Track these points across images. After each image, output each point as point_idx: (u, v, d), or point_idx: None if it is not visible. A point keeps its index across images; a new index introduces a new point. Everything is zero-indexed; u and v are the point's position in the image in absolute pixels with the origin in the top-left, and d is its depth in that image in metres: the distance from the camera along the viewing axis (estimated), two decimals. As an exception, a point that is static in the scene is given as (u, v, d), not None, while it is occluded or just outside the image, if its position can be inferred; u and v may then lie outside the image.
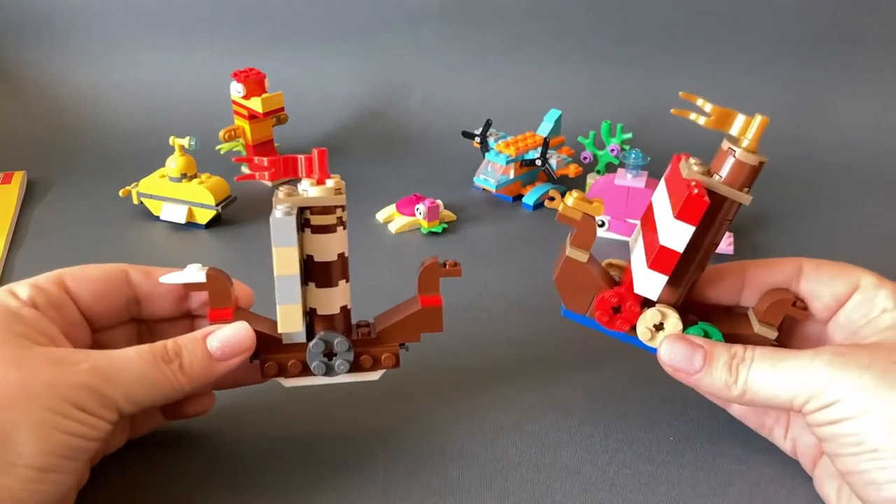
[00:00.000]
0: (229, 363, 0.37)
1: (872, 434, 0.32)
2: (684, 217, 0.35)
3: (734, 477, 0.41)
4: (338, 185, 0.37)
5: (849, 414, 0.33)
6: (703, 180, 0.36)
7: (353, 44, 0.99)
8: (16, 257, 0.63)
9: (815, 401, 0.34)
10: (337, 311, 0.39)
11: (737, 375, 0.36)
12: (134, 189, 0.70)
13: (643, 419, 0.46)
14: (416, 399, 0.47)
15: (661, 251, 0.36)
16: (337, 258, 0.38)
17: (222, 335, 0.37)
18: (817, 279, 0.39)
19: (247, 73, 0.77)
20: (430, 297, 0.40)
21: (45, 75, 0.96)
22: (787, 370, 0.35)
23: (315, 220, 0.37)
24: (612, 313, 0.39)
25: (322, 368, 0.39)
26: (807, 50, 0.95)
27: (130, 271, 0.39)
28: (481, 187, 0.77)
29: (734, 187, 0.36)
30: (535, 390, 0.48)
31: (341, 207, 0.37)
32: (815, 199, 0.78)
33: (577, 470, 0.42)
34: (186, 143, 0.67)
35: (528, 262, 0.65)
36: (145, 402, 0.34)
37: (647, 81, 0.97)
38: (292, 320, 0.37)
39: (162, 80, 0.96)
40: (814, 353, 0.35)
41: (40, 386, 0.31)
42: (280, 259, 0.36)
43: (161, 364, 0.35)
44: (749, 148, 0.36)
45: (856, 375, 0.33)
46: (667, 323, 0.38)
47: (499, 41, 0.98)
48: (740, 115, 0.36)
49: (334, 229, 0.37)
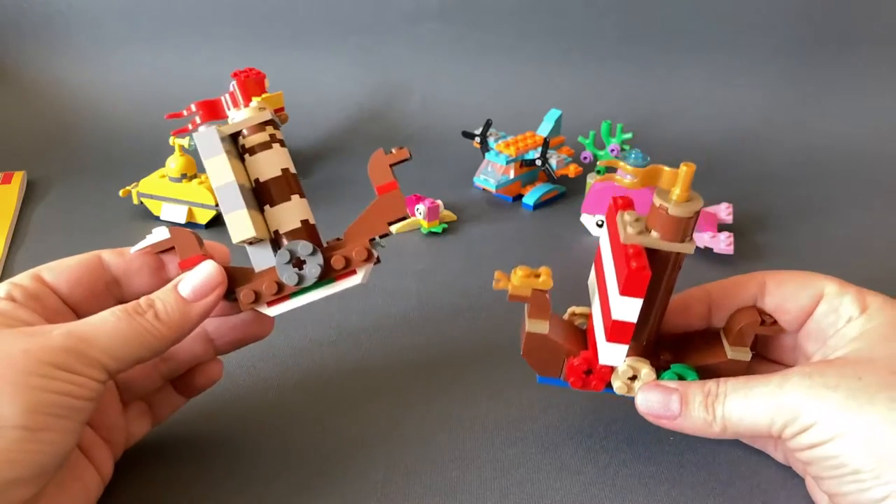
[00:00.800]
0: (204, 303, 0.37)
1: (850, 455, 0.32)
2: (629, 292, 0.35)
3: (734, 477, 0.42)
4: (260, 105, 0.38)
5: (824, 437, 0.33)
6: (641, 241, 0.36)
7: (353, 44, 0.99)
8: (16, 257, 0.63)
9: (791, 426, 0.34)
10: (298, 226, 0.38)
11: (713, 412, 0.36)
12: (134, 189, 0.70)
13: (643, 419, 0.45)
14: (416, 399, 0.47)
15: (615, 325, 0.36)
16: (282, 173, 0.38)
17: (190, 276, 0.37)
18: (781, 294, 0.39)
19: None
20: (386, 185, 0.39)
21: (46, 75, 0.96)
22: (760, 398, 0.35)
23: (249, 141, 0.38)
24: (584, 377, 0.40)
25: (294, 278, 0.37)
26: (807, 50, 0.95)
27: (103, 254, 0.39)
28: (481, 187, 0.77)
29: (674, 241, 0.36)
30: (535, 390, 0.48)
31: (271, 124, 0.38)
32: (816, 198, 0.78)
33: (577, 470, 0.42)
34: (186, 143, 0.67)
35: (528, 262, 0.64)
36: (130, 357, 0.34)
37: (647, 81, 0.97)
38: (242, 227, 0.36)
39: (162, 80, 0.96)
40: (782, 377, 0.35)
41: (16, 353, 0.31)
42: (213, 170, 0.36)
43: (136, 317, 0.35)
44: (679, 199, 0.35)
45: (824, 396, 0.33)
46: (640, 374, 0.39)
47: (499, 41, 0.98)
48: (665, 169, 0.35)
49: (270, 146, 0.38)
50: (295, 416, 0.45)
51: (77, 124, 0.91)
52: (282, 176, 0.38)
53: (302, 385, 0.48)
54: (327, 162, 0.82)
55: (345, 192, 0.75)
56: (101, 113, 0.93)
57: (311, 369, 0.49)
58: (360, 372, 0.49)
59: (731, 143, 0.89)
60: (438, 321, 0.46)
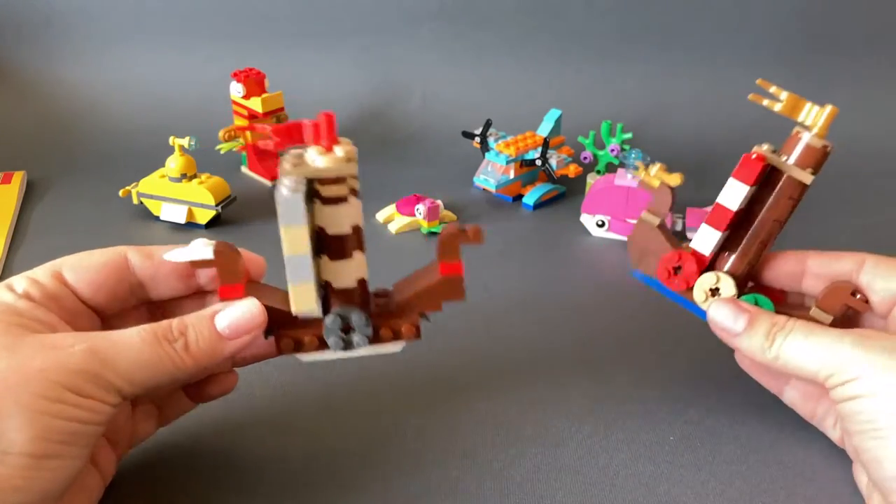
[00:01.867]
0: (238, 342, 0.35)
1: (881, 412, 0.34)
2: (739, 176, 0.39)
3: (734, 477, 0.41)
4: (348, 153, 0.35)
5: (863, 392, 0.35)
6: (767, 155, 0.39)
7: (353, 43, 0.98)
8: (15, 257, 0.63)
9: (836, 376, 0.36)
10: (353, 285, 0.36)
11: (773, 341, 0.38)
12: (134, 189, 0.70)
13: (643, 419, 0.46)
14: (416, 399, 0.47)
15: (716, 208, 0.40)
16: (351, 231, 0.35)
17: (231, 313, 0.35)
18: (875, 273, 0.41)
19: (247, 72, 0.77)
20: (451, 265, 0.38)
21: (45, 75, 0.96)
22: (817, 344, 0.37)
23: (325, 191, 0.34)
24: (671, 272, 0.42)
25: (340, 344, 0.37)
26: (808, 49, 0.95)
27: (130, 254, 0.38)
28: (481, 187, 0.77)
29: (800, 167, 0.39)
30: (535, 390, 0.48)
31: (353, 177, 0.35)
32: (817, 197, 0.78)
33: (577, 470, 0.42)
34: (186, 143, 0.67)
35: (528, 262, 0.65)
36: (147, 384, 0.33)
37: (647, 81, 0.97)
38: (306, 300, 0.35)
39: (162, 80, 0.96)
40: (843, 332, 0.37)
41: (32, 371, 0.30)
42: (288, 239, 0.34)
43: (163, 343, 0.33)
44: (818, 134, 0.39)
45: (874, 355, 0.35)
46: (721, 287, 0.41)
47: (499, 41, 0.98)
48: (809, 104, 0.39)
49: (346, 199, 0.34)
50: (294, 416, 0.45)
51: (77, 124, 0.91)
52: (350, 234, 0.35)
53: (302, 386, 0.48)
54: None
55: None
56: (100, 113, 0.93)
57: (309, 370, 0.49)
58: (359, 372, 0.49)
59: (732, 142, 0.89)
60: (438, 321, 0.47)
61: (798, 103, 0.40)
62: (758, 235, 0.41)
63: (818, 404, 0.43)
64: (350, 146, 0.35)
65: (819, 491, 0.41)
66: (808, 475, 0.42)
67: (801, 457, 0.43)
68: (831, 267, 0.42)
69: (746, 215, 0.41)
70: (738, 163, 0.39)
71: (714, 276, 0.41)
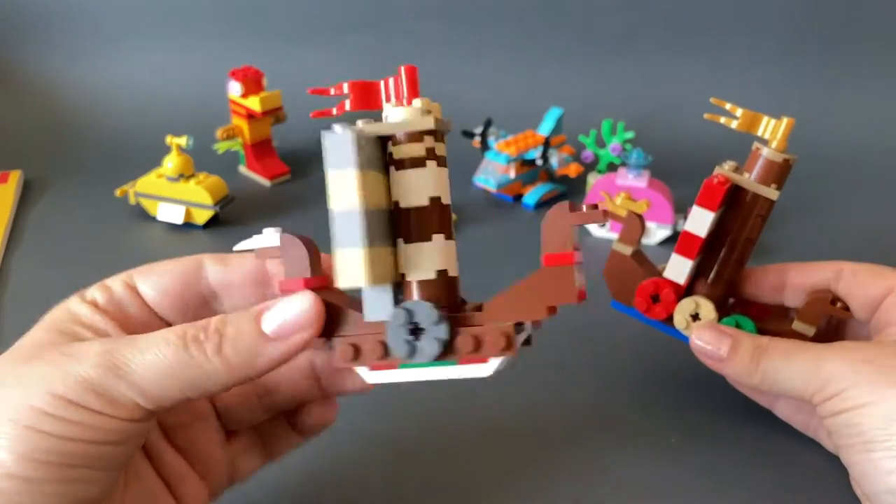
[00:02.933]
0: (286, 345, 0.29)
1: (867, 426, 0.34)
2: (703, 203, 0.39)
3: (736, 479, 0.41)
4: (430, 107, 0.30)
5: (848, 406, 0.35)
6: (729, 175, 0.39)
7: (352, 42, 0.98)
8: (12, 257, 0.63)
9: (821, 393, 0.36)
10: (433, 276, 0.29)
11: (758, 364, 0.38)
12: (131, 189, 0.69)
13: (644, 419, 0.45)
14: (415, 399, 0.47)
15: (684, 235, 0.40)
16: (429, 203, 0.29)
17: (280, 308, 0.29)
18: (854, 281, 0.41)
19: (245, 71, 0.76)
20: (560, 255, 0.31)
21: (42, 74, 0.96)
22: (801, 361, 0.37)
23: (398, 151, 0.29)
24: (650, 301, 0.41)
25: (405, 349, 0.29)
26: (810, 48, 0.95)
27: (206, 261, 0.33)
28: (481, 187, 0.76)
29: (763, 184, 0.39)
30: (536, 390, 0.48)
31: (432, 135, 0.30)
32: (819, 197, 0.78)
33: (578, 470, 0.42)
34: (184, 142, 0.67)
35: (529, 262, 0.64)
36: (171, 395, 0.28)
37: (648, 80, 0.97)
38: (353, 272, 0.27)
39: (159, 79, 0.95)
40: (826, 347, 0.37)
41: (31, 382, 0.27)
42: (335, 187, 0.27)
43: (190, 346, 0.28)
44: (777, 148, 0.39)
45: (857, 368, 0.35)
46: (701, 312, 0.41)
47: (499, 39, 0.98)
48: (766, 118, 0.39)
49: (423, 163, 0.29)
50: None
51: (74, 123, 0.91)
52: (429, 206, 0.29)
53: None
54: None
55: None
56: (97, 112, 0.92)
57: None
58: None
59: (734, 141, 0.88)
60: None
61: (755, 118, 0.40)
62: (731, 255, 0.41)
63: (811, 417, 0.43)
64: (430, 102, 0.30)
65: (821, 494, 0.40)
66: (811, 478, 0.41)
67: (804, 459, 0.43)
68: (810, 278, 0.42)
69: (717, 235, 0.41)
70: (701, 188, 0.39)
71: (693, 302, 0.41)
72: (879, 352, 0.36)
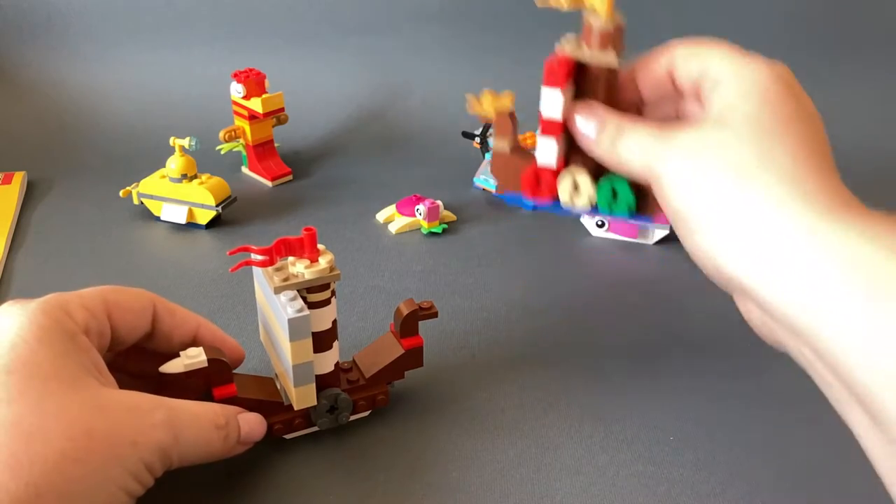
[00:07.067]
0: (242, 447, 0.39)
1: (689, 207, 0.32)
2: (549, 82, 0.39)
3: (734, 477, 0.41)
4: (329, 262, 0.39)
5: (670, 186, 0.33)
6: (567, 50, 0.40)
7: (354, 44, 0.98)
8: (16, 258, 0.63)
9: (651, 175, 0.35)
10: (332, 369, 0.42)
11: (615, 146, 0.37)
12: (134, 189, 0.70)
13: (643, 419, 0.46)
14: (415, 399, 0.47)
15: (541, 120, 0.40)
16: (331, 325, 0.40)
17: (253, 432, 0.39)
18: (682, 56, 0.39)
19: (247, 73, 0.77)
20: (412, 339, 0.44)
21: (45, 76, 0.96)
22: (636, 144, 0.36)
23: (312, 297, 0.39)
24: (535, 186, 0.42)
25: (327, 423, 0.43)
26: (814, 48, 0.95)
27: (158, 306, 0.39)
28: (481, 187, 0.77)
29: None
30: (535, 390, 0.48)
31: (334, 281, 0.40)
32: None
33: (577, 470, 0.42)
34: (187, 143, 0.67)
35: (528, 262, 0.65)
36: (190, 462, 0.35)
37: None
38: (308, 398, 0.41)
39: (162, 81, 0.96)
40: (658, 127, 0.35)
41: (125, 445, 0.31)
42: (297, 351, 0.39)
43: (218, 428, 0.36)
44: (606, 16, 0.39)
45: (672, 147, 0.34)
46: (579, 182, 0.40)
47: (499, 41, 0.98)
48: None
49: (328, 302, 0.40)
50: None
51: (77, 125, 0.91)
52: (330, 328, 0.41)
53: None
54: (327, 162, 0.82)
55: (345, 192, 0.75)
56: (101, 113, 0.92)
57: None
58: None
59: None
60: (438, 321, 0.47)
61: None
62: None
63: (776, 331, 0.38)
64: (329, 254, 0.40)
65: (821, 490, 0.41)
66: (810, 475, 0.42)
67: (803, 457, 0.43)
68: (651, 66, 0.40)
69: None
70: (544, 69, 0.39)
71: (569, 175, 0.41)
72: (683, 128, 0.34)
